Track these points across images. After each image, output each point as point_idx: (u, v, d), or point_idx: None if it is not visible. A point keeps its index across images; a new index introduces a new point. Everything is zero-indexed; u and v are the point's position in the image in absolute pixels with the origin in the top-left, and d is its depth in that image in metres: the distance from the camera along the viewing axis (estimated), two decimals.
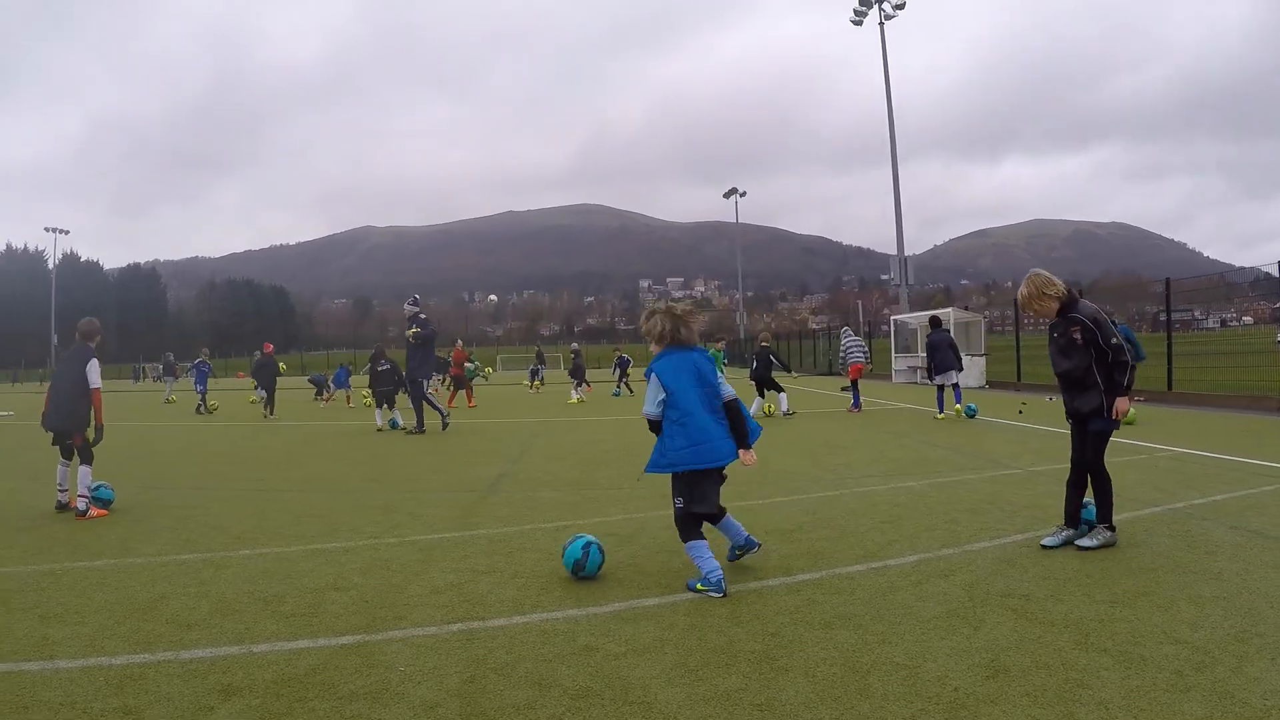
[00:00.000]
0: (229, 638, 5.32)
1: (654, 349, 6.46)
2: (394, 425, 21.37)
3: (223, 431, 21.65)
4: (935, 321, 23.07)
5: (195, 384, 31.42)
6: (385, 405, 21.98)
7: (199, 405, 30.25)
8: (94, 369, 9.96)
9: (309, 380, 40.55)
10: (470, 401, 30.83)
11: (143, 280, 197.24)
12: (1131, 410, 6.94)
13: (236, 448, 17.79)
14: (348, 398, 33.81)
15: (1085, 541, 7.15)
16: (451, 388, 32.03)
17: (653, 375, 6.31)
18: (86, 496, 9.73)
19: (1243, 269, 35.34)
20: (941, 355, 21.03)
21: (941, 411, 20.70)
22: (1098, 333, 7.16)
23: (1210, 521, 7.99)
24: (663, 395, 6.24)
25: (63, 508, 9.95)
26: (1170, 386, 25.50)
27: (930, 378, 21.71)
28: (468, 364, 33.35)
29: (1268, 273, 25.96)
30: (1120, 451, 12.45)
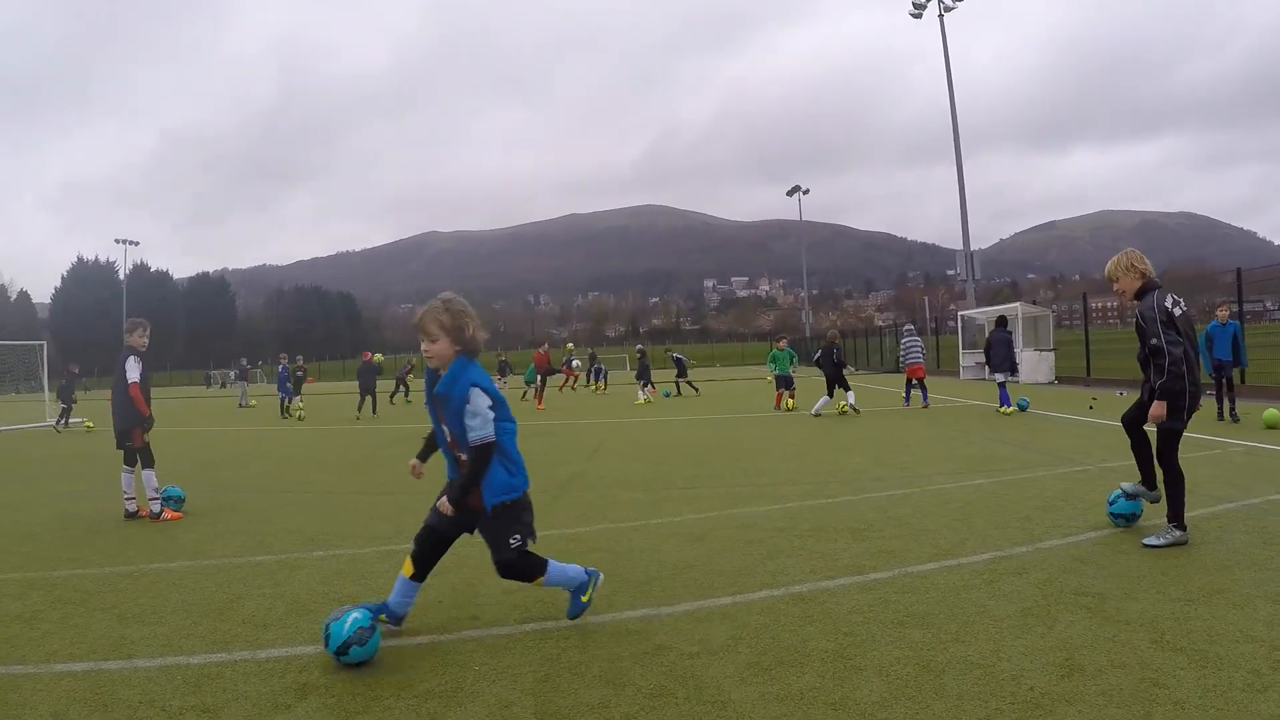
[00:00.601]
0: (304, 637, 5.42)
1: (440, 351, 5.14)
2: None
3: (295, 435, 21.90)
4: (1001, 321, 23.53)
5: (279, 390, 31.91)
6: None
7: (281, 410, 30.89)
8: (131, 366, 10.20)
9: (395, 378, 42.43)
10: (539, 404, 30.97)
11: (212, 289, 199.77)
12: (1270, 411, 6.68)
13: (307, 451, 18.05)
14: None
15: (1152, 540, 7.05)
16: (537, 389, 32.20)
17: (474, 390, 5.00)
18: (157, 499, 10.01)
19: None
20: (995, 353, 21.97)
21: (1004, 406, 20.95)
22: (1145, 329, 7.11)
23: None
24: (490, 404, 5.04)
25: (131, 515, 10.12)
26: (1243, 379, 25.06)
27: (990, 374, 22.42)
28: (574, 361, 33.97)
29: None
30: (1193, 446, 12.28)
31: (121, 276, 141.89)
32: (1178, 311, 7.10)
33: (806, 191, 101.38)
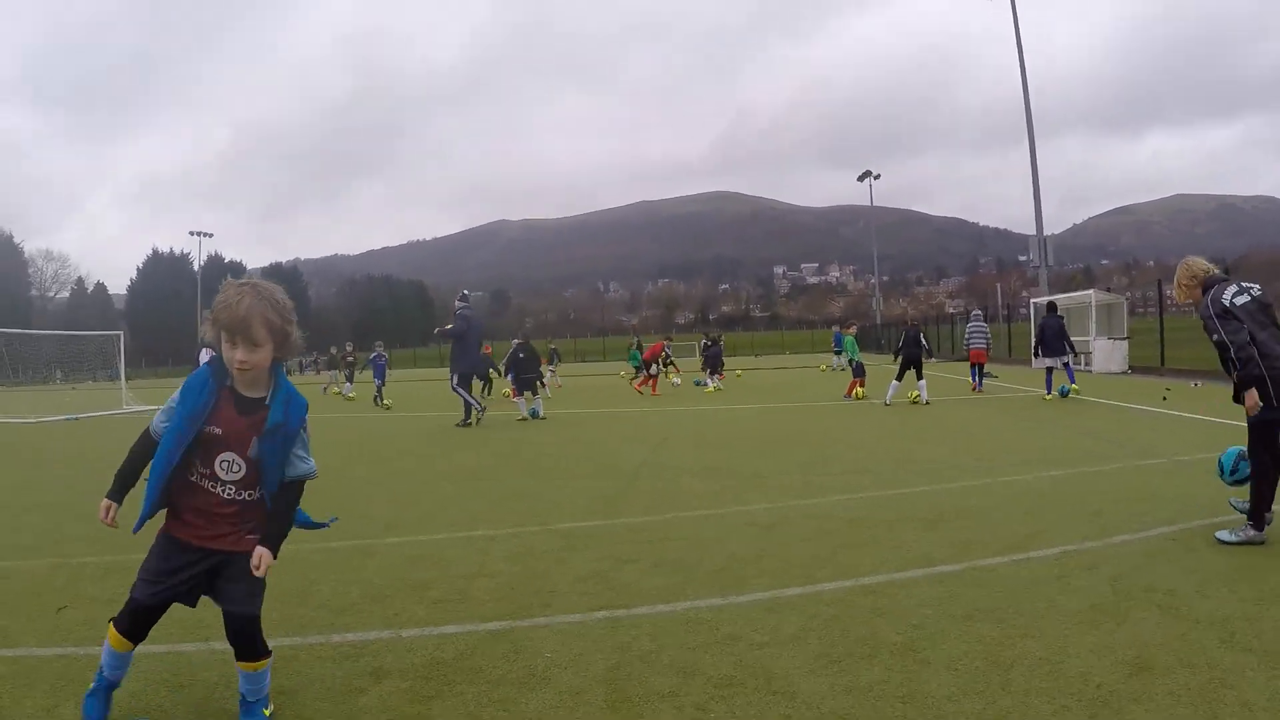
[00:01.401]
0: (378, 622, 5.52)
1: (260, 362, 3.84)
2: (534, 414, 21.64)
3: (373, 420, 22.14)
4: (1051, 306, 24.59)
5: (374, 377, 31.63)
6: (528, 393, 22.43)
7: (376, 397, 30.13)
8: (204, 358, 10.30)
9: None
10: (654, 390, 30.59)
11: (284, 278, 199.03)
12: None
13: (383, 437, 18.33)
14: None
15: (1225, 535, 6.95)
16: (644, 376, 32.08)
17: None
18: None
19: None
20: (1048, 340, 22.89)
21: (1050, 393, 22.10)
22: (1207, 329, 7.12)
23: None
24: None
25: None
26: None
27: (1036, 357, 23.81)
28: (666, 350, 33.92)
29: None
30: None
31: (196, 268, 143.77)
32: (1241, 300, 6.97)
33: (877, 177, 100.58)
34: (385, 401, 29.30)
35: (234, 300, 3.73)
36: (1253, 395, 6.87)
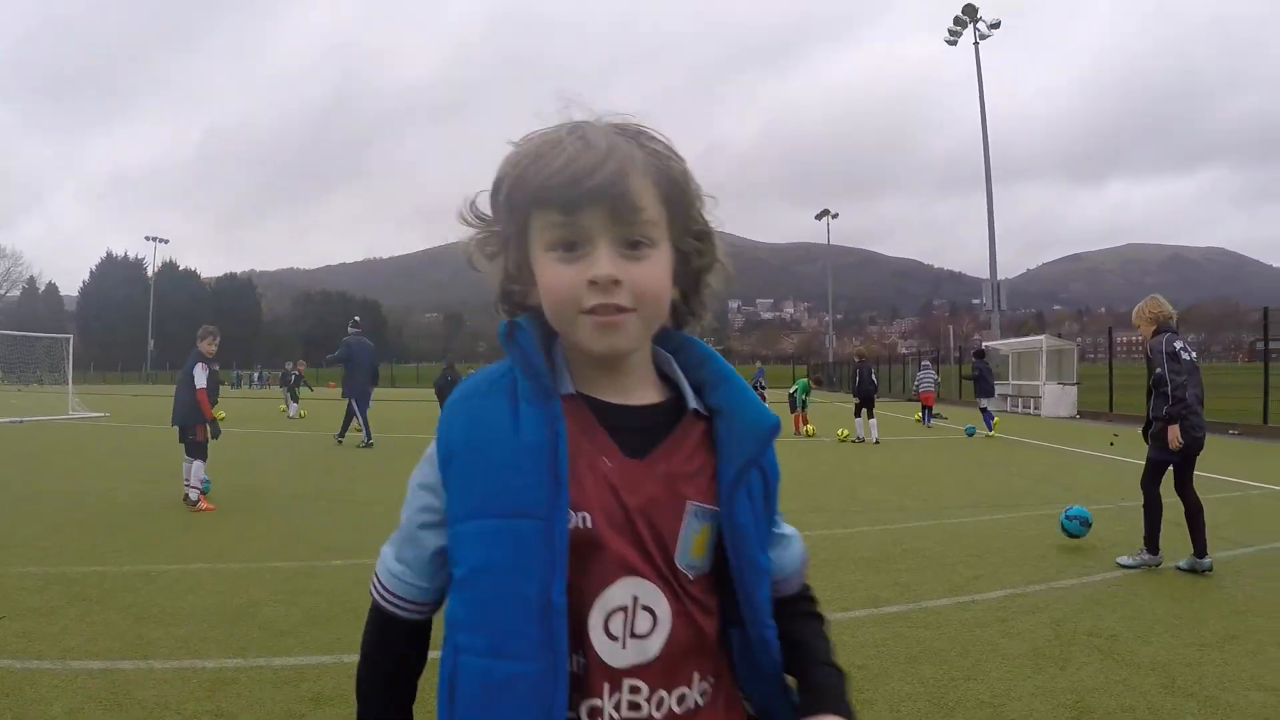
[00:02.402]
0: (320, 647, 5.45)
1: None
2: None
3: (321, 442, 21.98)
4: (980, 353, 30.09)
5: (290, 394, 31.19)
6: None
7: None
8: (199, 372, 11.28)
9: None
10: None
11: (238, 289, 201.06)
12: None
13: (334, 459, 18.21)
14: None
15: (1123, 559, 7.81)
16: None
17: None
18: (198, 488, 10.77)
19: None
20: (981, 382, 27.39)
21: (990, 430, 24.81)
22: (1151, 360, 8.02)
23: None
24: None
25: (193, 504, 10.86)
26: (1266, 419, 24.96)
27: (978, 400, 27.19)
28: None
29: None
30: (1213, 488, 12.23)
31: (150, 274, 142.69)
32: (1186, 356, 7.85)
33: (835, 215, 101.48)
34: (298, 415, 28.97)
35: (567, 146, 1.35)
36: (1175, 430, 7.69)
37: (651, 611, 1.36)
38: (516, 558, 1.28)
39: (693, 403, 1.47)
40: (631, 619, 1.35)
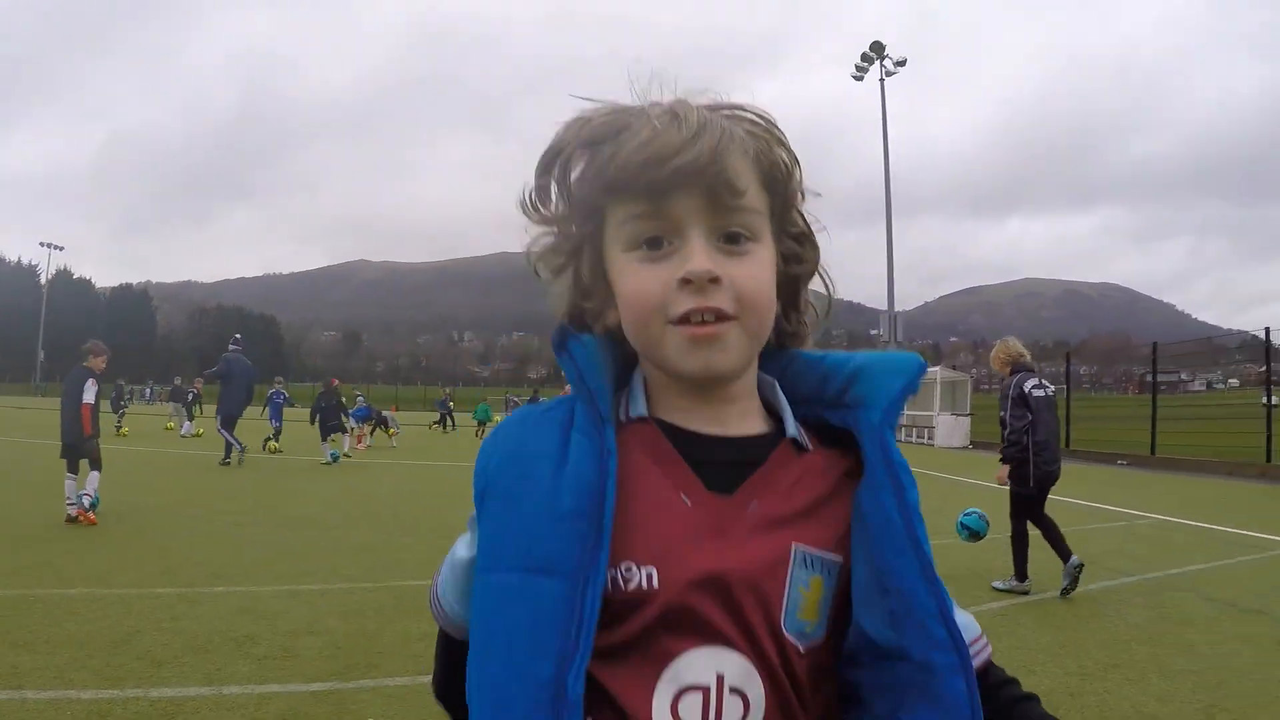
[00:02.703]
0: (199, 678, 5.31)
1: None
2: (334, 459, 21.94)
3: (210, 461, 21.56)
4: None
5: (271, 418, 28.47)
6: (330, 439, 22.75)
7: (267, 439, 26.45)
8: (89, 389, 11.41)
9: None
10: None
11: (134, 301, 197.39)
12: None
13: (220, 479, 17.73)
14: (363, 434, 30.50)
15: (997, 584, 8.34)
16: None
17: None
18: (91, 495, 10.96)
19: (1230, 332, 35.83)
20: None
21: None
22: (1003, 403, 8.58)
23: (1186, 592, 8.07)
24: None
25: (73, 520, 10.90)
26: (1154, 451, 25.60)
27: None
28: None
29: (1255, 335, 26.17)
30: (1099, 518, 12.52)
31: (43, 281, 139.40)
32: (1038, 393, 8.42)
33: None
34: (275, 444, 26.17)
35: (650, 119, 1.11)
36: (1004, 471, 8.43)
37: (743, 696, 1.04)
38: (532, 626, 1.03)
39: (791, 429, 1.20)
40: (716, 705, 1.03)
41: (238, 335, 23.60)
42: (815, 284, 1.30)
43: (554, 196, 1.19)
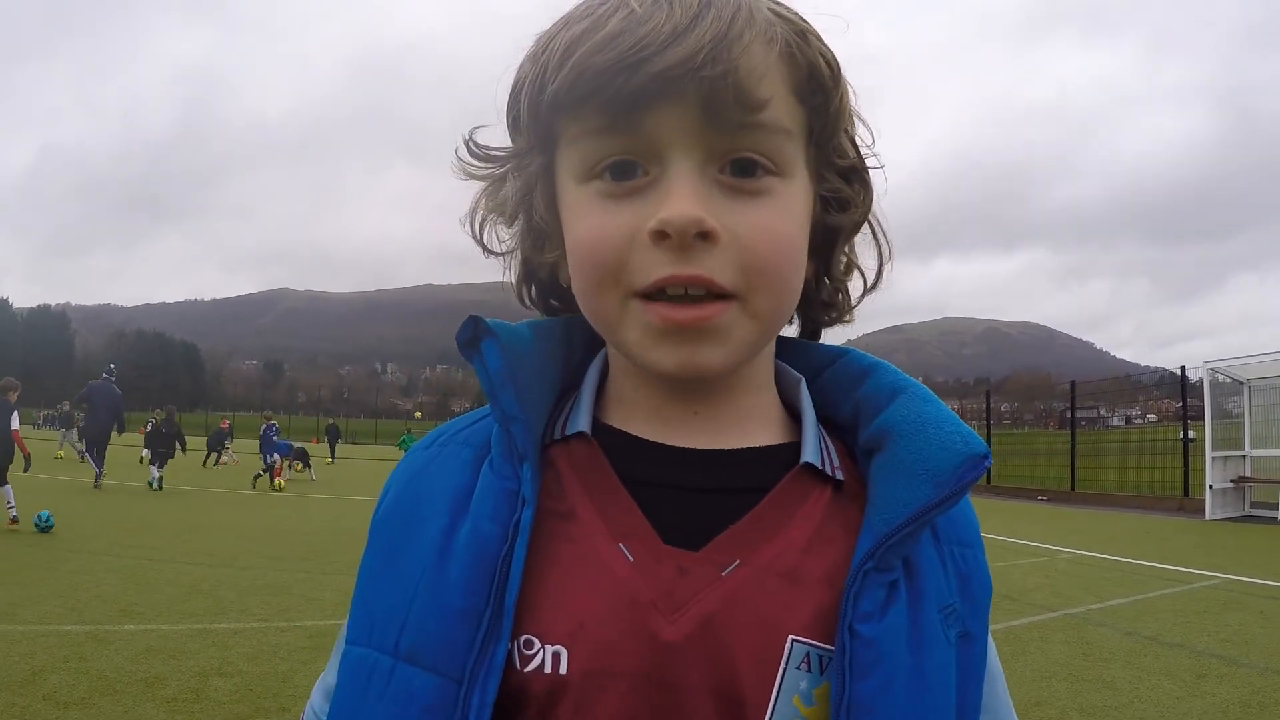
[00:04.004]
0: None
1: None
2: (154, 484, 22.11)
3: (123, 495, 21.14)
4: None
5: (265, 451, 27.33)
6: (158, 464, 22.98)
7: (260, 474, 25.68)
8: (14, 418, 13.59)
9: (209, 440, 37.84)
10: None
11: (52, 322, 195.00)
12: None
13: (130, 509, 17.34)
14: (281, 468, 28.00)
15: None
16: None
17: None
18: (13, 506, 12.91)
19: (1148, 370, 36.75)
20: None
21: None
22: None
23: (1106, 627, 8.12)
24: None
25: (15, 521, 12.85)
26: (1074, 486, 25.97)
27: None
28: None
29: (1172, 372, 26.80)
30: (1021, 554, 12.62)
31: None
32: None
33: None
34: (281, 481, 25.27)
35: (630, 3, 0.76)
36: None
37: None
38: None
39: (810, 452, 0.86)
40: None
41: (111, 365, 24.22)
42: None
43: (510, 135, 0.89)
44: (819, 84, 0.81)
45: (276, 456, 26.12)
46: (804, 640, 0.75)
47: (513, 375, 0.82)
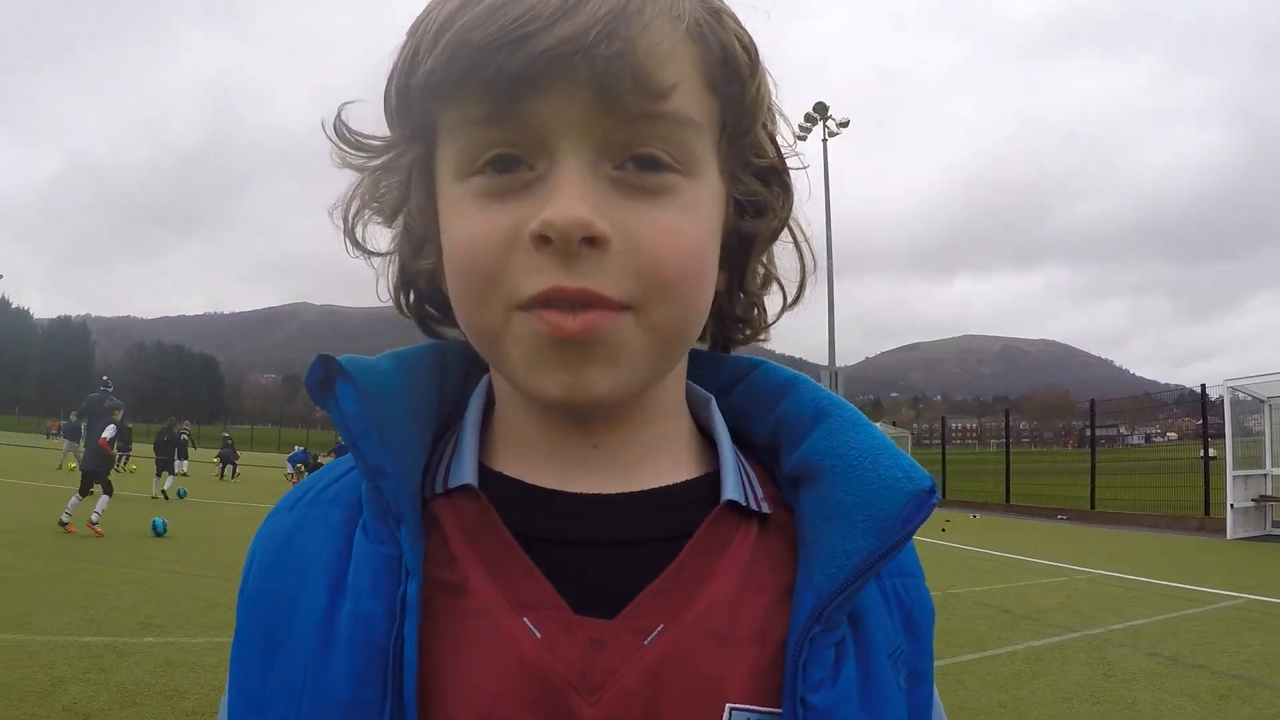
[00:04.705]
0: None
1: None
2: (164, 496, 22.83)
3: (144, 507, 21.17)
4: None
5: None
6: (164, 473, 23.70)
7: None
8: (109, 429, 16.31)
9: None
10: None
11: (72, 333, 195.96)
12: None
13: (148, 521, 17.37)
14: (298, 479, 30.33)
15: None
16: None
17: None
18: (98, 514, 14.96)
19: (1168, 387, 36.62)
20: None
21: None
22: None
23: (1128, 648, 8.05)
24: None
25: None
26: (1093, 505, 25.80)
27: None
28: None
29: (1192, 390, 26.62)
30: (1041, 574, 12.54)
31: None
32: None
33: None
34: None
35: None
36: None
37: None
38: None
39: (731, 488, 0.77)
40: None
41: (105, 378, 24.83)
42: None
43: (386, 120, 0.78)
44: (733, 70, 0.73)
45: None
46: (743, 707, 0.68)
47: (375, 421, 0.72)
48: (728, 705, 0.67)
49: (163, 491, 22.69)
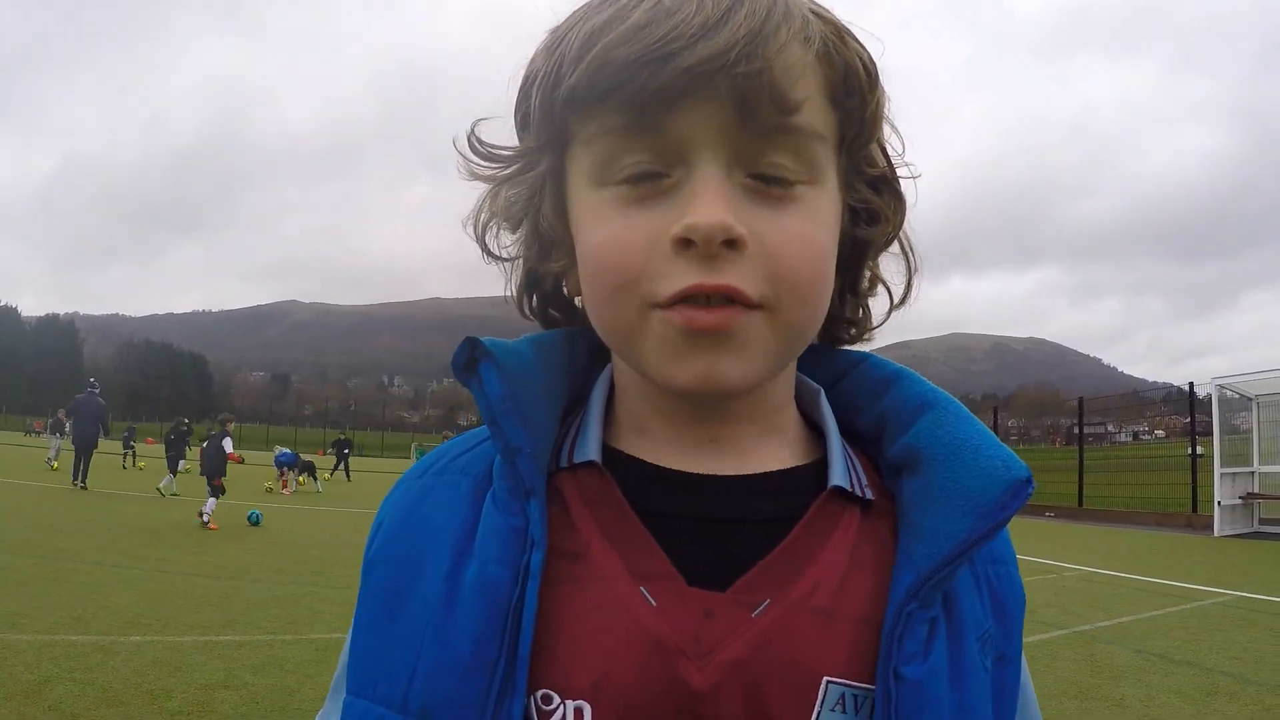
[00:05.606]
0: None
1: None
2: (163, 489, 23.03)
3: (135, 505, 21.14)
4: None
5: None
6: (172, 471, 23.87)
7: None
8: (228, 441, 17.56)
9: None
10: None
11: (60, 332, 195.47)
12: None
13: (139, 520, 17.32)
14: (288, 479, 29.12)
15: None
16: None
17: None
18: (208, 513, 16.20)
19: (1156, 386, 36.79)
20: None
21: None
22: None
23: (1116, 645, 8.08)
24: None
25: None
26: (1081, 502, 25.89)
27: None
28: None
29: (1180, 388, 26.75)
30: (1029, 571, 12.56)
31: None
32: None
33: None
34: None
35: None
36: None
37: None
38: None
39: (838, 474, 0.81)
40: None
41: (92, 379, 26.50)
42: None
43: (517, 133, 0.84)
44: (855, 87, 0.77)
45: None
46: (839, 681, 0.72)
47: (516, 402, 0.76)
48: (825, 678, 0.71)
49: (158, 489, 22.85)
